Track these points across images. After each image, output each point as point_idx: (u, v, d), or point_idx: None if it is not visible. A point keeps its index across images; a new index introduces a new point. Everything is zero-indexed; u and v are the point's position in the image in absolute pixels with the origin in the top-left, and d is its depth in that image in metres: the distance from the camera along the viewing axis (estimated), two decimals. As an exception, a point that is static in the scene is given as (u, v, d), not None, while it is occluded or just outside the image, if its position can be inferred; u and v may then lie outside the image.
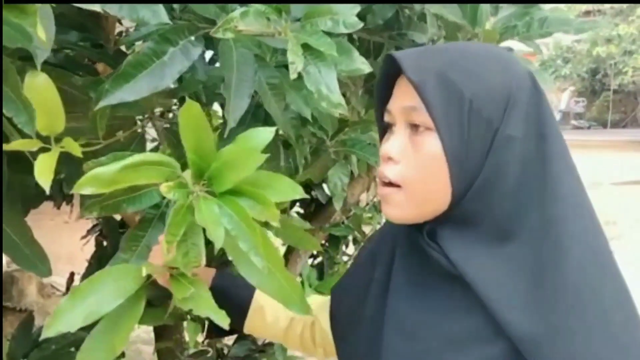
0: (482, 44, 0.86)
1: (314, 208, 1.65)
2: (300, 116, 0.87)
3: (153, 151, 0.91)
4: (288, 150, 1.03)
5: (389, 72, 0.64)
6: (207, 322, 0.95)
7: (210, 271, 0.85)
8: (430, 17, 1.02)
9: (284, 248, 1.61)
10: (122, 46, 0.90)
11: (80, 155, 0.65)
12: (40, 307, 2.95)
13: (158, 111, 0.89)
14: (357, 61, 0.70)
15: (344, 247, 1.74)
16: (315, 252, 1.67)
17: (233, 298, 0.81)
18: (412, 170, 0.60)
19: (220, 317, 0.62)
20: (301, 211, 1.67)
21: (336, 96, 0.65)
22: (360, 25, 0.68)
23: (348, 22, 0.66)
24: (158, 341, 1.33)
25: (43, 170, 0.59)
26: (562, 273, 0.56)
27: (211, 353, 1.38)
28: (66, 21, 0.82)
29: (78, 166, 0.67)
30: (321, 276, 1.65)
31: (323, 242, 1.67)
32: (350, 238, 1.71)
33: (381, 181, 0.63)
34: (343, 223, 1.64)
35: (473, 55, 0.61)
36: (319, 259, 1.71)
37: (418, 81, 0.58)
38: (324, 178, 1.33)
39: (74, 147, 0.64)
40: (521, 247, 0.58)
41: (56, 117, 0.61)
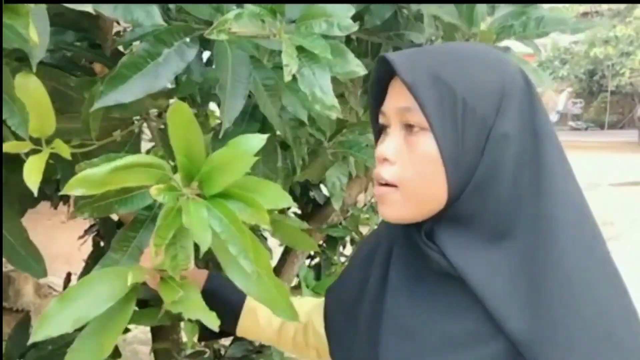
0: (475, 44, 0.86)
1: (312, 209, 1.65)
2: (297, 117, 0.87)
3: (149, 152, 0.90)
4: (286, 151, 1.03)
5: (383, 74, 0.64)
6: (199, 325, 0.94)
7: (202, 273, 0.84)
8: (427, 18, 1.02)
9: (282, 249, 1.61)
10: (120, 46, 0.90)
11: (69, 157, 0.64)
12: (37, 308, 2.93)
13: (155, 112, 0.89)
14: (352, 63, 0.70)
15: (342, 248, 1.74)
16: (312, 253, 1.67)
17: (225, 301, 0.81)
18: (408, 170, 0.60)
19: (210, 319, 0.61)
20: (299, 212, 1.67)
21: (330, 98, 0.65)
22: (354, 28, 0.68)
23: (343, 25, 0.66)
24: (155, 342, 1.33)
25: (31, 172, 0.58)
26: (558, 270, 0.57)
27: (208, 354, 1.38)
28: (63, 21, 0.82)
29: (74, 167, 0.67)
30: (318, 277, 1.65)
31: (320, 243, 1.66)
32: (347, 239, 1.71)
33: (377, 182, 0.63)
34: (341, 224, 1.64)
35: (465, 54, 0.61)
36: (317, 260, 1.71)
37: (411, 82, 0.58)
38: (322, 179, 1.33)
39: (64, 149, 0.63)
40: (517, 245, 0.59)
41: (47, 119, 0.61)
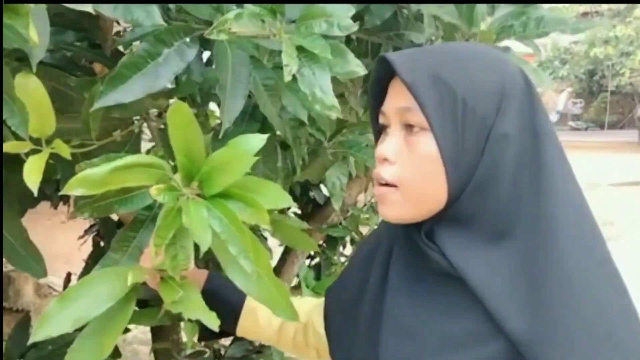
0: (475, 43, 0.86)
1: (312, 209, 1.65)
2: (297, 117, 0.87)
3: (149, 152, 0.90)
4: (286, 151, 1.03)
5: (383, 74, 0.64)
6: (199, 325, 0.94)
7: (202, 273, 0.84)
8: (427, 18, 1.02)
9: (282, 249, 1.61)
10: (120, 46, 0.90)
11: (69, 157, 0.64)
12: (37, 308, 2.93)
13: (155, 112, 0.89)
14: (352, 63, 0.70)
15: (342, 248, 1.74)
16: (312, 253, 1.67)
17: (225, 301, 0.81)
18: (408, 170, 0.60)
19: (210, 319, 0.61)
20: (299, 212, 1.67)
21: (330, 98, 0.65)
22: (354, 28, 0.68)
23: (343, 25, 0.66)
24: (155, 342, 1.33)
25: (31, 172, 0.58)
26: (558, 270, 0.57)
27: (208, 354, 1.38)
28: (63, 21, 0.82)
29: (74, 167, 0.67)
30: (318, 277, 1.65)
31: (320, 243, 1.66)
32: (347, 239, 1.71)
33: (377, 182, 0.63)
34: (341, 224, 1.64)
35: (465, 54, 0.61)
36: (317, 260, 1.71)
37: (411, 82, 0.58)
38: (322, 179, 1.32)
39: (64, 149, 0.63)
40: (517, 245, 0.59)
41: (47, 119, 0.61)
